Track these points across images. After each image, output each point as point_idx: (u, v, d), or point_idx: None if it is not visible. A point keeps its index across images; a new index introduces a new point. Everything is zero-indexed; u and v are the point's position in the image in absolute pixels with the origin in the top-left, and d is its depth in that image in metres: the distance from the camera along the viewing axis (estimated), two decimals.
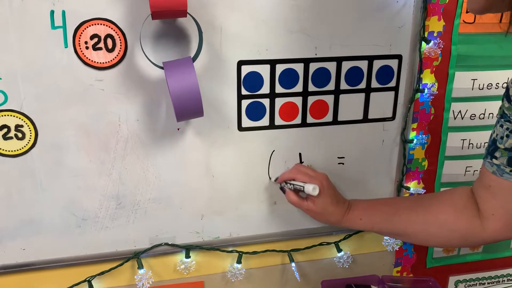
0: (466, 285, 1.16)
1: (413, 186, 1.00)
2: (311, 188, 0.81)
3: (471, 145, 1.00)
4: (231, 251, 0.94)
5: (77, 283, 0.88)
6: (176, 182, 0.86)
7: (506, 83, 0.68)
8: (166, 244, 0.90)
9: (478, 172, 1.01)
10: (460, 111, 0.98)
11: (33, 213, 0.82)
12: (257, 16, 0.80)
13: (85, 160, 0.81)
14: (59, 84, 0.76)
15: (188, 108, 0.72)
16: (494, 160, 0.71)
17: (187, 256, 0.91)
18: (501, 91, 0.97)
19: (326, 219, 0.87)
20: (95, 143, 0.81)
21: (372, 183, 0.97)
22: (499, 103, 0.97)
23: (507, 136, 0.69)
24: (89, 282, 0.88)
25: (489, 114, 0.99)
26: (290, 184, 0.85)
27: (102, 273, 0.89)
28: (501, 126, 0.70)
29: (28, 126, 0.77)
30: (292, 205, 0.87)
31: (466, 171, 1.02)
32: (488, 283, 1.17)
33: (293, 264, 0.97)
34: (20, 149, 0.78)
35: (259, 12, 0.80)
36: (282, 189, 0.89)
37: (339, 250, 0.99)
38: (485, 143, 1.01)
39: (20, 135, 0.77)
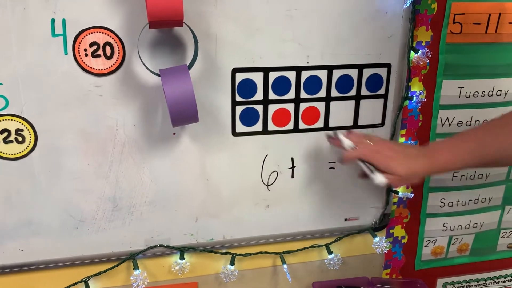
0: (454, 287, 1.19)
1: (402, 190, 1.03)
2: (378, 179, 0.78)
3: None
4: (225, 253, 0.97)
5: (74, 283, 0.90)
6: (172, 186, 0.89)
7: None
8: (161, 245, 0.93)
9: (465, 177, 1.05)
10: (447, 118, 1.01)
11: (32, 215, 0.85)
12: (251, 25, 0.83)
13: (83, 163, 0.84)
14: (59, 89, 0.78)
15: (184, 114, 0.75)
16: None
17: (182, 258, 0.94)
18: (487, 99, 1.00)
19: (413, 174, 0.77)
20: (93, 147, 0.83)
21: (362, 187, 1.00)
22: (486, 110, 1.02)
23: None
24: (86, 282, 0.90)
25: (476, 121, 1.02)
26: (364, 164, 0.81)
27: (99, 273, 0.91)
28: None
29: (28, 130, 0.79)
30: (285, 208, 0.89)
31: (453, 176, 1.05)
32: (475, 286, 1.20)
33: (285, 266, 0.99)
34: (20, 152, 0.80)
35: (253, 22, 0.83)
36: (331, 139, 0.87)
37: (330, 252, 1.02)
38: None
39: (20, 138, 0.79)
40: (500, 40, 0.96)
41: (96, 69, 0.79)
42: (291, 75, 0.89)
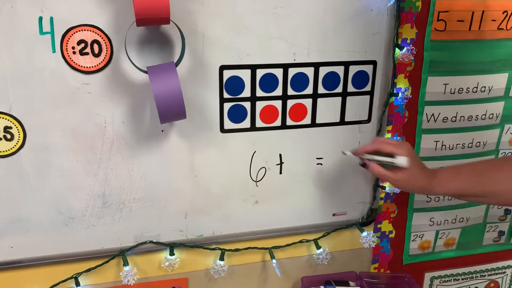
0: (441, 281, 1.21)
1: (389, 185, 1.04)
2: (404, 161, 0.81)
3: (444, 146, 1.05)
4: (214, 249, 0.98)
5: (64, 279, 0.91)
6: (161, 182, 0.90)
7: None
8: (151, 242, 0.94)
9: None
10: (433, 114, 1.02)
11: (22, 212, 0.85)
12: (238, 23, 0.84)
13: (72, 160, 0.84)
14: (47, 87, 0.79)
15: (171, 111, 0.76)
16: None
17: (171, 254, 0.95)
18: (472, 95, 1.02)
19: (413, 185, 0.85)
20: (82, 144, 0.84)
21: (349, 183, 1.02)
22: (470, 106, 1.03)
23: None
24: (76, 279, 0.91)
25: (461, 117, 1.03)
26: (376, 161, 0.84)
27: (89, 270, 0.92)
28: None
29: (16, 127, 0.80)
30: (273, 203, 0.90)
31: None
32: (462, 279, 1.22)
33: (274, 261, 1.00)
34: (9, 150, 0.81)
35: (240, 20, 0.84)
36: (363, 164, 0.87)
37: (318, 247, 1.03)
38: (457, 144, 1.06)
39: (9, 136, 0.80)
40: (483, 37, 0.98)
41: (84, 66, 0.79)
42: (278, 72, 0.90)
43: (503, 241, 1.21)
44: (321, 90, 0.93)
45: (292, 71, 0.90)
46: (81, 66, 0.79)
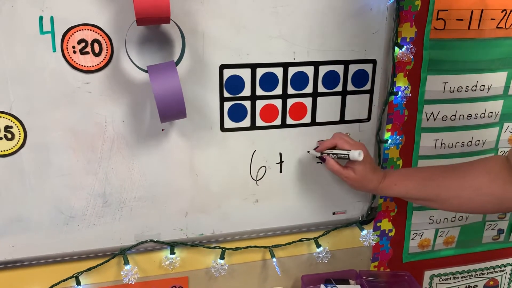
0: (441, 279, 1.21)
1: None
2: (356, 154, 0.85)
3: (443, 145, 1.05)
4: (215, 248, 0.98)
5: (65, 279, 0.91)
6: (161, 181, 0.90)
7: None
8: (151, 241, 0.94)
9: None
10: (432, 113, 1.02)
11: (22, 211, 0.85)
12: (238, 22, 0.84)
13: (72, 160, 0.84)
14: (48, 86, 0.79)
15: (172, 110, 0.76)
16: None
17: (172, 253, 0.95)
18: (471, 94, 1.02)
19: (364, 186, 0.90)
20: (82, 144, 0.84)
21: None
22: (469, 105, 1.04)
23: None
24: (77, 278, 0.91)
25: (460, 115, 1.04)
26: (333, 154, 0.89)
27: (89, 269, 0.92)
28: None
29: (17, 127, 0.80)
30: (273, 202, 0.91)
31: None
32: (462, 277, 1.23)
33: (274, 260, 1.01)
34: (9, 149, 0.81)
35: (240, 19, 0.84)
36: (321, 157, 0.92)
37: (318, 246, 1.04)
38: (456, 143, 1.06)
39: (9, 135, 0.80)
40: (482, 36, 0.98)
41: (85, 66, 0.79)
42: (278, 71, 0.90)
43: (502, 239, 1.21)
44: (321, 89, 0.93)
45: (292, 70, 0.90)
46: (82, 65, 0.79)
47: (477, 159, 0.85)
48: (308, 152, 0.95)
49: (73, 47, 0.78)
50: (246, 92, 0.90)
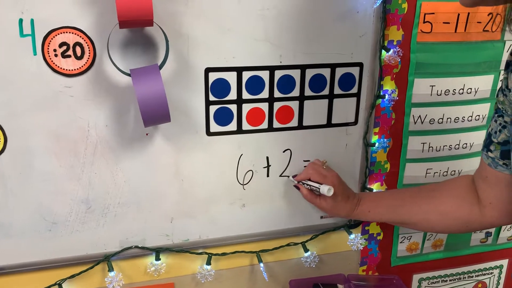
0: (429, 283, 1.21)
1: (376, 187, 1.04)
2: (326, 190, 0.87)
3: (430, 148, 1.05)
4: (201, 253, 0.97)
5: (48, 286, 0.89)
6: (145, 186, 0.89)
7: (500, 80, 0.74)
8: (136, 247, 0.92)
9: (438, 174, 1.07)
10: (419, 116, 1.02)
11: (3, 217, 0.83)
12: (224, 25, 0.83)
13: (55, 165, 0.83)
14: (29, 90, 0.77)
15: (155, 114, 0.75)
16: (489, 153, 0.76)
17: (157, 259, 0.93)
18: (458, 97, 1.02)
19: (337, 214, 0.95)
20: (64, 148, 0.82)
21: None
22: (457, 108, 1.04)
23: (500, 131, 0.73)
24: (60, 285, 0.89)
25: (447, 118, 1.04)
26: (307, 184, 0.92)
27: (73, 276, 0.90)
28: (495, 121, 0.74)
29: None
30: (261, 207, 0.91)
31: (426, 173, 1.07)
32: (450, 280, 1.23)
33: (261, 265, 1.00)
34: None
35: (226, 21, 0.83)
36: (296, 186, 0.95)
37: (306, 250, 1.03)
38: (444, 146, 1.06)
39: None
40: (469, 39, 0.98)
41: (67, 69, 0.78)
42: (265, 75, 0.89)
43: (490, 242, 1.21)
44: (307, 92, 0.92)
45: (278, 73, 0.90)
46: (63, 69, 0.78)
47: (445, 180, 0.90)
48: (288, 177, 0.97)
49: (55, 50, 0.76)
50: (232, 95, 0.89)
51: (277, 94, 0.91)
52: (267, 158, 0.95)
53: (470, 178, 0.85)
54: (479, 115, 1.06)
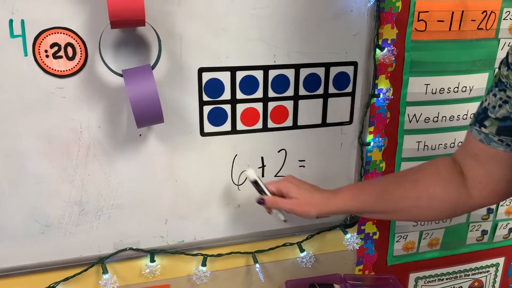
0: (426, 281, 1.21)
1: None
2: (249, 172, 0.84)
3: (426, 146, 1.05)
4: (196, 254, 0.96)
5: None
6: (139, 188, 0.88)
7: (507, 52, 0.68)
8: (131, 248, 0.91)
9: None
10: (415, 115, 1.02)
11: None
12: (217, 24, 0.83)
13: (47, 166, 0.82)
14: (20, 92, 0.76)
15: (148, 115, 0.74)
16: (483, 129, 0.71)
17: (152, 260, 0.93)
18: (453, 95, 1.02)
19: (313, 206, 0.83)
20: (57, 150, 0.81)
21: (332, 185, 1.00)
22: (452, 106, 1.03)
23: (500, 106, 0.68)
24: None
25: (442, 117, 1.03)
26: (259, 189, 0.86)
27: (67, 279, 0.89)
28: (494, 95, 0.69)
29: None
30: (256, 207, 0.90)
31: None
32: (447, 279, 1.22)
33: (257, 265, 0.99)
34: None
35: (219, 21, 0.83)
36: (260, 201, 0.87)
37: (302, 250, 1.02)
38: (439, 145, 1.06)
39: None
40: (463, 37, 0.98)
41: (58, 70, 0.77)
42: (259, 74, 0.88)
43: (486, 240, 1.21)
44: (302, 91, 0.92)
45: (272, 73, 0.89)
46: (55, 69, 0.77)
47: (425, 163, 0.83)
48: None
49: (46, 51, 0.75)
50: (226, 95, 0.88)
51: (271, 93, 0.90)
52: (262, 158, 0.95)
53: (450, 159, 0.80)
54: (474, 114, 1.05)
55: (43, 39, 0.75)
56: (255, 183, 0.86)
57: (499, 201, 0.78)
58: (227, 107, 0.89)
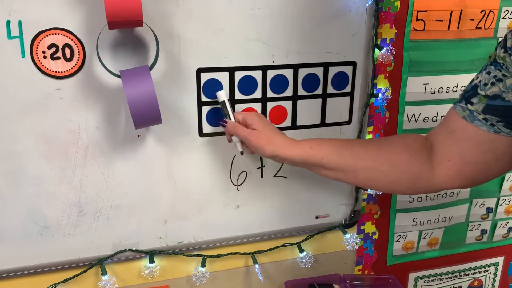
0: (425, 281, 1.21)
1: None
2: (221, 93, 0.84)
3: None
4: (195, 255, 0.96)
5: None
6: (138, 188, 0.88)
7: (506, 34, 0.67)
8: (130, 250, 0.91)
9: None
10: (413, 114, 1.02)
11: None
12: (215, 24, 0.83)
13: (45, 168, 0.82)
14: (18, 93, 0.76)
15: (146, 116, 0.74)
16: (469, 106, 0.69)
17: (151, 261, 0.92)
18: (452, 95, 1.02)
19: (270, 144, 0.81)
20: (55, 151, 0.81)
21: (331, 185, 1.01)
22: (451, 106, 1.03)
23: (492, 84, 0.66)
24: None
25: (441, 116, 1.03)
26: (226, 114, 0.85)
27: (66, 280, 0.89)
28: (488, 73, 0.67)
29: None
30: (255, 208, 0.90)
31: None
32: (446, 278, 1.22)
33: (256, 266, 0.99)
34: None
35: (217, 21, 0.82)
36: (222, 123, 0.85)
37: (301, 251, 1.02)
38: None
39: None
40: (462, 36, 0.98)
41: (56, 71, 0.77)
42: (257, 75, 0.88)
43: (486, 239, 1.21)
44: (301, 92, 0.92)
45: (271, 73, 0.89)
46: (53, 71, 0.77)
47: (397, 135, 0.80)
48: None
49: (43, 52, 0.75)
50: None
51: (270, 94, 0.90)
52: (261, 158, 0.94)
53: (421, 135, 0.78)
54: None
55: (40, 40, 0.74)
56: (223, 105, 0.84)
57: (461, 186, 0.75)
58: None
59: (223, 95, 0.85)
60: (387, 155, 0.77)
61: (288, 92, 0.91)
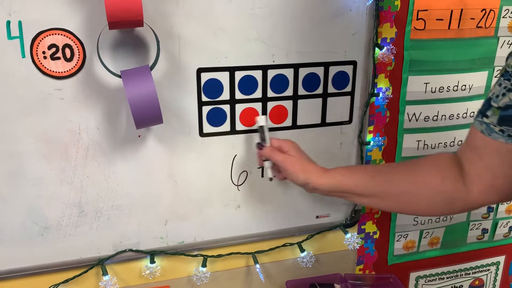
0: (426, 280, 1.20)
1: None
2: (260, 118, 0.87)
3: (426, 145, 1.05)
4: (196, 255, 0.96)
5: None
6: (139, 189, 0.88)
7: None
8: (131, 250, 0.91)
9: None
10: (414, 114, 1.02)
11: None
12: (215, 24, 0.82)
13: (46, 168, 0.81)
14: (18, 93, 0.76)
15: (147, 116, 0.74)
16: (485, 119, 0.69)
17: (152, 262, 0.92)
18: (453, 94, 1.02)
19: (304, 172, 0.83)
20: (55, 152, 0.81)
21: None
22: (451, 105, 1.03)
23: (503, 94, 0.66)
24: None
25: (442, 116, 1.03)
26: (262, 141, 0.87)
27: (66, 281, 0.89)
28: (499, 85, 0.67)
29: None
30: (256, 207, 0.89)
31: None
32: (447, 278, 1.22)
33: (257, 266, 0.99)
34: None
35: (217, 21, 0.82)
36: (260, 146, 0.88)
37: (302, 250, 1.02)
38: (439, 143, 1.05)
39: None
40: (462, 35, 0.98)
41: (56, 72, 0.77)
42: (257, 74, 0.88)
43: (487, 238, 1.21)
44: (301, 91, 0.92)
45: (271, 73, 0.89)
46: (53, 71, 0.76)
47: (426, 155, 0.80)
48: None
49: (43, 52, 0.75)
50: (225, 96, 0.88)
51: (270, 93, 0.90)
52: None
53: (452, 154, 0.77)
54: (473, 112, 1.05)
55: (40, 41, 0.74)
56: (261, 129, 0.87)
57: (498, 200, 0.75)
58: (226, 108, 0.89)
59: (263, 120, 0.87)
60: (421, 177, 0.76)
61: (289, 92, 0.91)
